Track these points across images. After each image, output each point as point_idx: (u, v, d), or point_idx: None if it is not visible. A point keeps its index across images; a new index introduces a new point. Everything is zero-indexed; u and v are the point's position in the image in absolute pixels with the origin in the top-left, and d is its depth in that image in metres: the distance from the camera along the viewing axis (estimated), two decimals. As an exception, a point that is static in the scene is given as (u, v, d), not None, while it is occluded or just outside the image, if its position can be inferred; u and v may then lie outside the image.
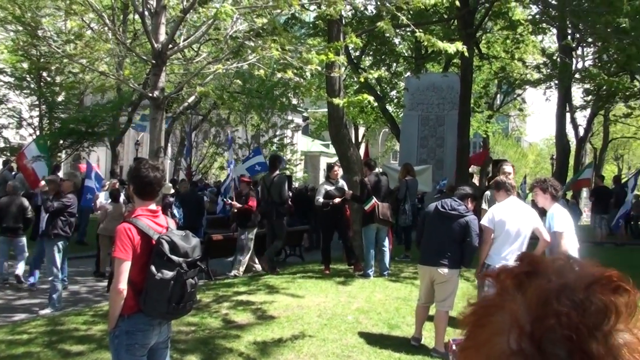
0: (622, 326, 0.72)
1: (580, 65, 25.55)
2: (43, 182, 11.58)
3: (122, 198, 12.05)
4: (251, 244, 11.47)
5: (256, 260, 11.84)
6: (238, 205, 11.57)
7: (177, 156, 30.13)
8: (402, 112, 23.24)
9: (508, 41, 21.93)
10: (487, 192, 9.09)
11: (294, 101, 29.85)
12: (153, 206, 4.05)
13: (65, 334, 6.86)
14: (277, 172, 11.34)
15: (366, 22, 14.21)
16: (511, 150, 52.45)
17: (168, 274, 3.76)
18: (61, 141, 20.85)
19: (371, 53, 21.75)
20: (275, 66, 10.62)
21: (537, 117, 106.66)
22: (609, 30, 14.31)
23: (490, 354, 0.75)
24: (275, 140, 30.95)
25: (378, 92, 21.68)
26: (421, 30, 9.23)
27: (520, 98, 36.24)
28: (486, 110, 31.37)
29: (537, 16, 18.21)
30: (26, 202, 10.80)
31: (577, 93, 28.36)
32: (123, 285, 3.72)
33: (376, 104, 21.59)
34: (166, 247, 3.77)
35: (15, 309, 9.18)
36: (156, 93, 8.20)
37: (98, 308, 8.31)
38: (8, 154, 20.31)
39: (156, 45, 8.13)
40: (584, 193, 28.90)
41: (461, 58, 14.17)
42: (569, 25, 17.72)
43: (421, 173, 15.26)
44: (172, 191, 13.81)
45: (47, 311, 8.75)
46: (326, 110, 13.80)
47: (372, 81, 19.43)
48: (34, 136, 20.00)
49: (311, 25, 17.03)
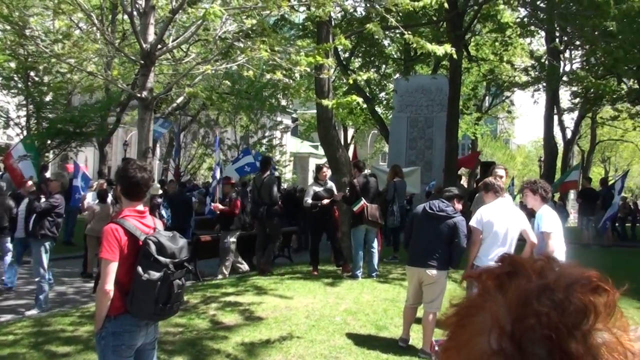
0: (601, 326, 0.73)
1: (568, 68, 25.70)
2: (30, 182, 11.54)
3: (110, 198, 12.01)
4: (234, 247, 11.47)
5: (241, 260, 11.84)
6: (221, 207, 11.56)
7: (166, 157, 30.04)
8: (391, 114, 23.28)
9: (496, 44, 22.05)
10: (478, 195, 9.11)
11: (283, 102, 29.81)
12: (140, 207, 4.04)
13: (51, 335, 6.82)
14: (268, 173, 11.34)
15: (355, 24, 14.20)
16: (499, 152, 52.66)
17: (155, 275, 3.75)
18: (49, 141, 20.75)
19: (360, 55, 21.79)
20: (264, 67, 10.60)
21: (526, 120, 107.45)
22: (597, 33, 14.41)
23: (471, 354, 0.76)
24: (264, 141, 30.93)
25: (367, 94, 21.73)
26: (410, 32, 9.24)
27: (508, 100, 36.48)
28: (475, 112, 31.53)
29: (526, 19, 18.27)
30: (11, 202, 10.73)
31: (565, 96, 28.60)
32: (110, 286, 3.71)
33: (365, 106, 21.70)
34: (153, 248, 3.76)
35: (1, 310, 9.13)
36: (144, 93, 8.17)
37: (85, 309, 8.27)
38: (-5, 154, 20.17)
39: (145, 45, 8.10)
40: (571, 195, 29.05)
41: (450, 60, 14.22)
42: (557, 28, 17.81)
43: (410, 175, 15.29)
44: (160, 192, 13.77)
45: (34, 312, 8.70)
46: (315, 111, 13.80)
47: (361, 83, 19.51)
48: (22, 136, 19.89)
49: (300, 26, 17.03)
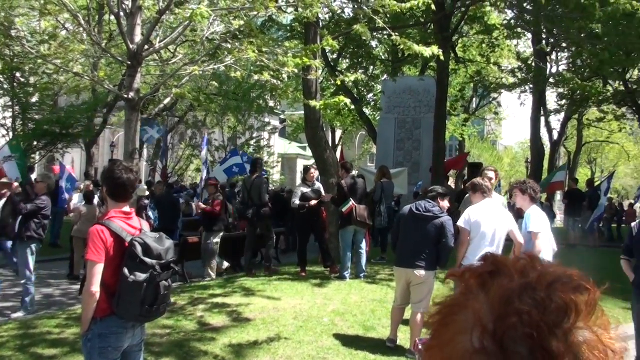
0: (582, 324, 0.74)
1: (554, 69, 25.88)
2: (16, 184, 11.44)
3: (97, 200, 11.94)
4: (217, 248, 11.46)
5: (218, 259, 11.83)
6: (203, 206, 11.55)
7: (154, 158, 29.90)
8: (379, 115, 23.31)
9: (484, 45, 22.12)
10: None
11: (271, 103, 29.77)
12: (127, 208, 4.01)
13: (37, 338, 6.77)
14: (257, 174, 11.34)
15: (343, 25, 14.22)
16: (487, 153, 52.83)
17: (141, 277, 3.73)
18: (35, 142, 20.60)
19: (348, 56, 21.80)
20: (252, 68, 10.60)
21: (513, 121, 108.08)
22: (583, 35, 14.52)
23: (453, 353, 0.76)
24: (252, 142, 30.83)
25: (355, 95, 21.72)
26: (398, 33, 9.27)
27: (495, 102, 36.66)
28: (462, 113, 31.65)
29: (513, 21, 18.40)
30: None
31: (552, 97, 28.76)
32: (96, 287, 3.69)
33: (353, 107, 21.67)
34: (139, 250, 3.74)
35: (-14, 313, 9.05)
36: (131, 94, 8.14)
37: (72, 311, 8.22)
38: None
39: (131, 46, 8.07)
40: (558, 196, 29.23)
41: (437, 62, 14.26)
42: (544, 30, 17.96)
43: (397, 176, 15.31)
44: (147, 193, 13.72)
45: (20, 314, 8.63)
46: (303, 112, 13.80)
47: (349, 84, 19.51)
48: (7, 138, 19.74)
49: (288, 28, 17.03)
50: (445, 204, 6.82)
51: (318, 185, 11.00)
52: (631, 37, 13.24)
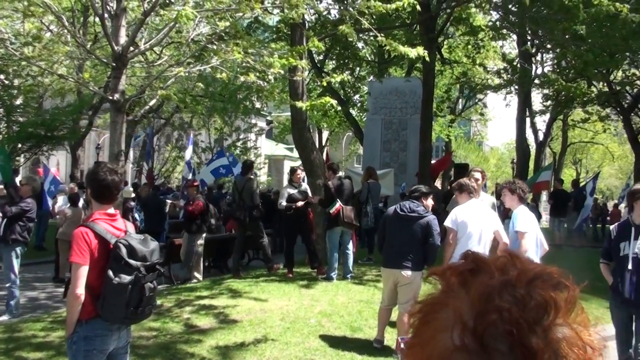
0: (562, 321, 0.74)
1: (539, 71, 26.00)
2: (0, 187, 11.35)
3: (82, 202, 11.87)
4: (201, 249, 11.43)
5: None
6: (181, 204, 11.53)
7: (140, 160, 29.77)
8: (366, 116, 23.35)
9: (469, 46, 22.23)
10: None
11: (258, 105, 29.70)
12: (111, 210, 4.00)
13: (22, 341, 6.73)
14: (248, 176, 11.38)
15: (329, 26, 14.22)
16: (473, 154, 53.03)
17: (126, 279, 3.72)
18: (20, 145, 20.44)
19: (334, 57, 21.79)
20: (238, 70, 10.57)
21: (498, 122, 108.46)
22: (567, 37, 14.59)
23: (434, 351, 0.76)
24: (238, 144, 30.79)
25: (341, 96, 21.75)
26: (383, 34, 9.29)
27: (481, 103, 36.78)
28: (448, 114, 31.77)
29: (498, 22, 18.46)
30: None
31: (537, 98, 28.88)
32: (80, 290, 3.67)
33: (339, 108, 21.72)
34: (124, 251, 3.73)
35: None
36: (117, 96, 8.09)
37: (57, 314, 8.17)
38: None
39: (116, 48, 8.02)
40: (544, 196, 29.39)
41: (423, 63, 14.31)
42: (529, 31, 18.03)
43: (383, 177, 15.34)
44: (133, 195, 13.66)
45: (4, 318, 8.57)
46: (290, 114, 13.80)
47: (336, 85, 19.55)
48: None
49: (274, 29, 17.01)
50: (429, 203, 6.83)
51: (305, 186, 11.02)
52: (614, 39, 13.32)
